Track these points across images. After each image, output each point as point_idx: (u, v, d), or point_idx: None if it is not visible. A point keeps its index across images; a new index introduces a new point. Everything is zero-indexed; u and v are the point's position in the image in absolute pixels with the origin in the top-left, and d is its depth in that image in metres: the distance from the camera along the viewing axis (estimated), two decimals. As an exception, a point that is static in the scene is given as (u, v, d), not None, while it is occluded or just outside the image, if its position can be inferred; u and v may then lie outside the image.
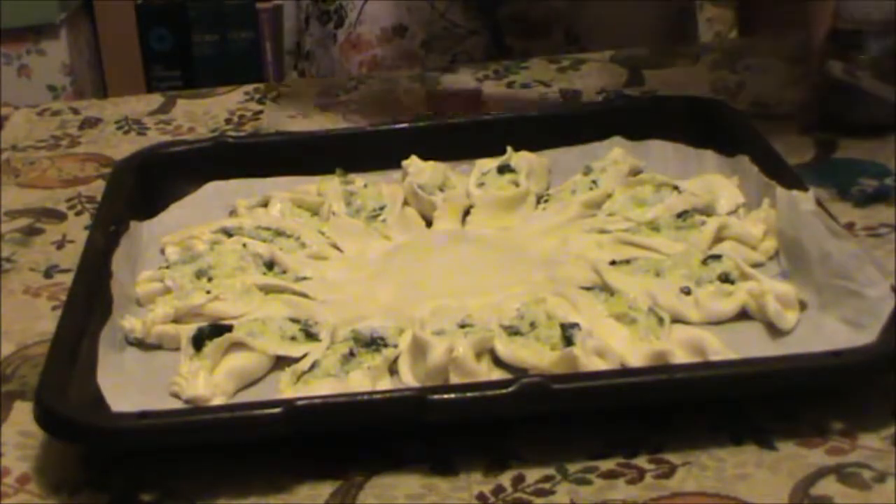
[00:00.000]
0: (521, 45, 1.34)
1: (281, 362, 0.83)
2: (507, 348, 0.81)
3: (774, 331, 0.82)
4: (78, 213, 1.07)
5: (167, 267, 0.94)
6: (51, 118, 1.27)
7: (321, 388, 0.78)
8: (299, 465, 0.74)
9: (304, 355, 0.82)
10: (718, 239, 0.92)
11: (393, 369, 0.82)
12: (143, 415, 0.74)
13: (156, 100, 1.30)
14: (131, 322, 0.86)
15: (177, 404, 0.79)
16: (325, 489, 0.73)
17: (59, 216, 1.07)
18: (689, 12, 1.41)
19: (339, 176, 1.03)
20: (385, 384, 0.80)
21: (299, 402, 0.74)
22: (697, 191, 0.97)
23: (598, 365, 0.78)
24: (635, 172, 1.01)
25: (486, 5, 1.33)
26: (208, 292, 0.88)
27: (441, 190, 1.01)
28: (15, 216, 1.07)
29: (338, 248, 0.97)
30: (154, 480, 0.74)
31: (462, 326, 0.82)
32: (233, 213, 1.01)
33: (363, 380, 0.79)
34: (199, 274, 0.92)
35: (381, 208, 1.00)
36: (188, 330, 0.84)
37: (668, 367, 0.78)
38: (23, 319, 0.91)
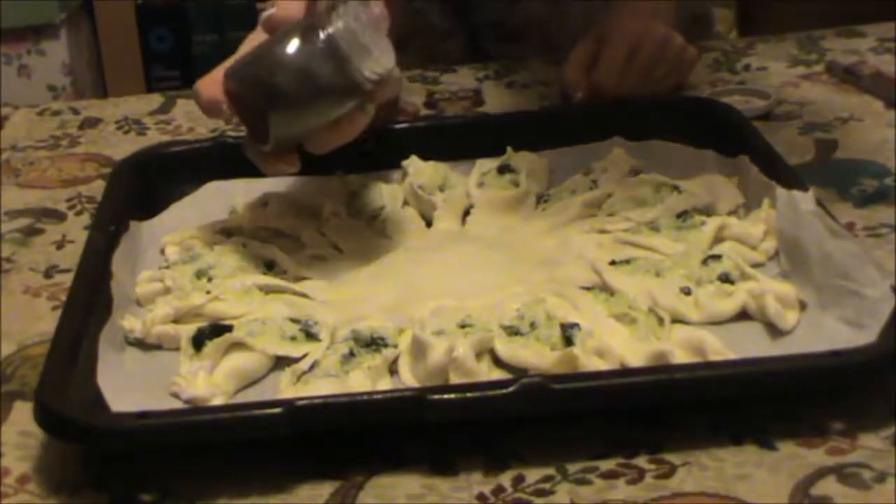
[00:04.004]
0: (498, 49, 1.34)
1: (281, 362, 0.83)
2: (507, 348, 0.81)
3: (774, 331, 0.82)
4: (78, 213, 1.07)
5: (167, 267, 0.94)
6: (51, 118, 1.27)
7: (321, 388, 0.78)
8: (299, 465, 0.74)
9: (304, 355, 0.82)
10: (718, 239, 0.92)
11: (393, 369, 0.82)
12: (143, 415, 0.74)
13: (156, 100, 1.30)
14: (131, 322, 0.86)
15: (177, 404, 0.79)
16: (325, 489, 0.73)
17: (59, 216, 1.07)
18: (704, 20, 1.40)
19: (339, 177, 1.03)
20: (385, 384, 0.80)
21: (299, 402, 0.74)
22: (697, 191, 0.97)
23: (598, 365, 0.78)
24: (635, 172, 1.01)
25: (463, 8, 1.33)
26: (208, 292, 0.88)
27: (441, 190, 1.01)
28: (15, 216, 1.07)
29: (338, 249, 0.97)
30: (154, 480, 0.74)
31: (462, 326, 0.82)
32: (233, 213, 1.01)
33: (363, 380, 0.79)
34: (199, 274, 0.92)
35: (381, 208, 1.00)
36: (188, 330, 0.84)
37: (668, 367, 0.78)
38: (23, 319, 0.91)
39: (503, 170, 1.02)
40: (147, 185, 1.02)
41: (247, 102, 0.89)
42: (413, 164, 1.03)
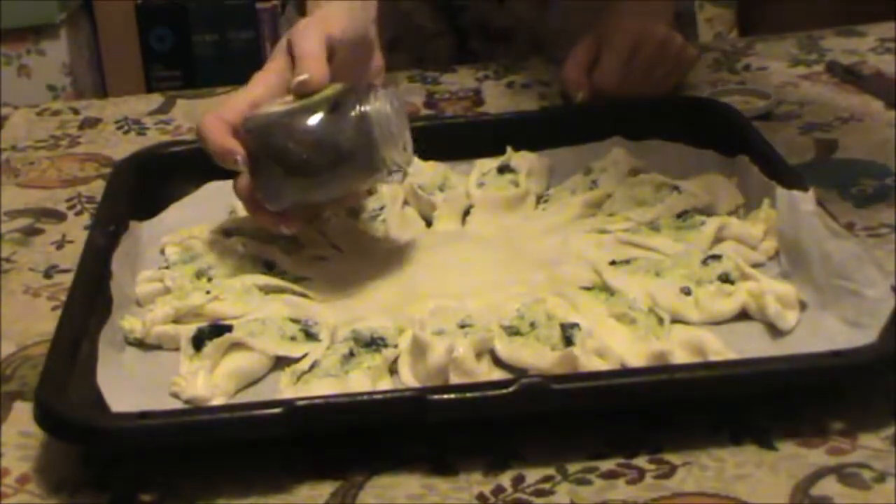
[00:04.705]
0: (486, 49, 1.34)
1: (281, 362, 0.83)
2: (507, 348, 0.81)
3: (774, 331, 0.82)
4: (78, 213, 1.07)
5: (167, 267, 0.94)
6: (51, 118, 1.27)
7: (321, 388, 0.78)
8: (299, 465, 0.74)
9: (304, 355, 0.82)
10: (718, 239, 0.92)
11: (393, 369, 0.82)
12: (143, 415, 0.74)
13: (156, 100, 1.30)
14: (131, 322, 0.86)
15: (177, 404, 0.79)
16: (325, 489, 0.73)
17: (59, 216, 1.07)
18: (687, 17, 1.41)
19: (339, 176, 1.03)
20: (385, 384, 0.80)
21: (299, 402, 0.74)
22: (697, 191, 0.97)
23: (598, 365, 0.78)
24: (635, 172, 1.01)
25: (451, 9, 1.33)
26: (208, 292, 0.88)
27: (441, 190, 1.01)
28: (15, 216, 1.07)
29: (338, 248, 0.97)
30: (154, 480, 0.74)
31: (462, 326, 0.82)
32: (233, 213, 1.01)
33: (363, 380, 0.79)
34: (199, 274, 0.92)
35: (381, 208, 1.00)
36: (188, 330, 0.84)
37: (668, 367, 0.78)
38: (23, 319, 0.91)
39: (503, 170, 1.02)
40: (147, 185, 1.02)
41: (264, 162, 0.88)
42: (413, 164, 1.03)
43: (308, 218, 0.94)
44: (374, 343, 0.82)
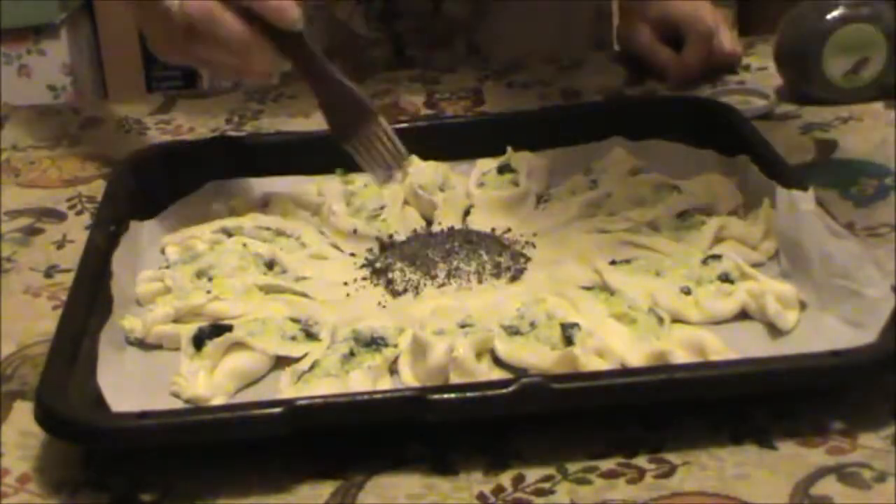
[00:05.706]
0: (424, 55, 1.35)
1: (281, 362, 0.83)
2: (507, 348, 0.81)
3: (774, 331, 0.82)
4: (78, 213, 1.07)
5: (167, 267, 0.94)
6: (51, 118, 1.27)
7: (321, 388, 0.78)
8: (299, 465, 0.74)
9: (304, 355, 0.82)
10: (718, 239, 0.92)
11: (393, 369, 0.82)
12: (143, 415, 0.74)
13: (156, 100, 1.30)
14: (131, 322, 0.86)
15: (177, 404, 0.79)
16: (325, 489, 0.73)
17: (59, 216, 1.07)
18: (604, 16, 1.42)
19: (339, 176, 1.03)
20: (385, 384, 0.80)
21: (299, 402, 0.74)
22: (697, 191, 0.97)
23: (598, 365, 0.78)
24: (635, 172, 1.01)
25: (387, 17, 1.33)
26: (208, 292, 0.88)
27: (441, 190, 1.01)
28: (15, 216, 1.07)
29: (338, 248, 0.97)
30: (154, 480, 0.74)
31: (462, 326, 0.82)
32: (233, 213, 1.01)
33: (363, 380, 0.79)
34: (200, 274, 0.92)
35: (381, 208, 1.00)
36: (188, 330, 0.84)
37: (668, 367, 0.78)
38: (23, 319, 0.91)
39: (503, 170, 1.02)
40: (147, 185, 1.02)
41: None
42: (413, 163, 1.03)
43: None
44: (374, 343, 0.82)
